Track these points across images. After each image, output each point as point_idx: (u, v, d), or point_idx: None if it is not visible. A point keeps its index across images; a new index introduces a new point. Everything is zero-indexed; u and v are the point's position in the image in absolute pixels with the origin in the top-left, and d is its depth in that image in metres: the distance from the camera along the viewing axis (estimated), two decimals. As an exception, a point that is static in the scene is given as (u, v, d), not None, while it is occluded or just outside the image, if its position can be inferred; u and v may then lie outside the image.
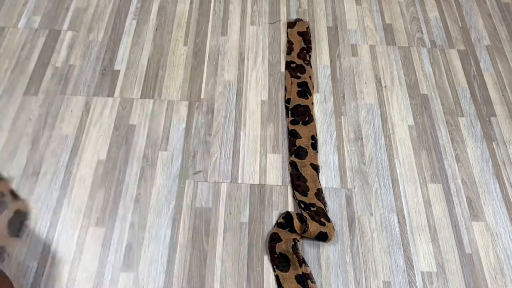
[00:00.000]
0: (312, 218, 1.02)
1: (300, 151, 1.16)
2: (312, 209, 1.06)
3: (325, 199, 1.10)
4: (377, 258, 1.03)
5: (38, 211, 1.04)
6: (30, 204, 0.98)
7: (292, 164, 1.14)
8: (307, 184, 1.11)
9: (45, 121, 1.18)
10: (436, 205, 1.11)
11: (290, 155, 1.16)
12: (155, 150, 1.15)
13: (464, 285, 1.00)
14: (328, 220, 1.05)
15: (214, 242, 1.03)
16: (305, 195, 1.09)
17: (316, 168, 1.14)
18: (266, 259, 1.01)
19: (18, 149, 1.13)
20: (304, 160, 1.14)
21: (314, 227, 1.00)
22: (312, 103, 1.25)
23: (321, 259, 1.02)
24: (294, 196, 1.10)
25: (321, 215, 1.05)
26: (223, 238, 1.03)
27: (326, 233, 1.01)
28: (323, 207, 1.08)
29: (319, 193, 1.10)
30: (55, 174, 1.10)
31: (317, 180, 1.12)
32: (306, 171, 1.13)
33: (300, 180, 1.11)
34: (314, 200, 1.08)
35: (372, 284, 0.99)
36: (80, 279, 0.97)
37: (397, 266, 1.02)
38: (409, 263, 1.02)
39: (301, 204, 1.08)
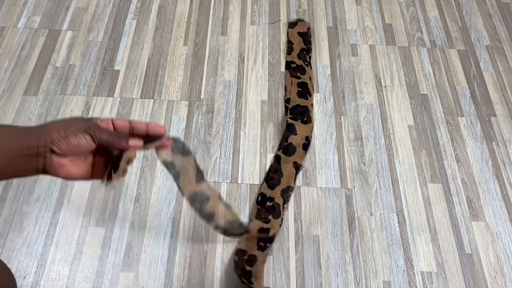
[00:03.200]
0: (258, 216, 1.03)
1: (289, 148, 1.15)
2: (268, 204, 1.05)
3: (290, 197, 1.08)
4: (377, 258, 1.03)
5: (38, 211, 1.04)
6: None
7: (277, 158, 1.14)
8: (281, 179, 1.10)
9: (45, 121, 1.18)
10: (436, 205, 1.11)
11: (279, 149, 1.15)
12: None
13: (464, 285, 1.00)
14: (277, 216, 1.03)
15: (214, 242, 1.03)
16: (272, 188, 1.08)
17: (297, 167, 1.13)
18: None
19: (18, 149, 1.13)
20: (289, 157, 1.14)
21: (255, 225, 1.01)
22: (312, 104, 1.25)
23: (321, 259, 1.02)
24: (260, 187, 1.09)
25: (271, 212, 1.04)
26: (223, 238, 1.03)
27: (268, 228, 1.00)
28: (282, 203, 1.06)
29: (287, 190, 1.08)
30: (55, 174, 1.10)
31: (292, 178, 1.11)
32: (286, 168, 1.12)
33: (277, 174, 1.11)
34: (277, 195, 1.07)
35: (372, 284, 0.99)
36: (80, 279, 0.97)
37: (397, 266, 1.02)
38: (409, 263, 1.02)
39: (259, 197, 1.07)
